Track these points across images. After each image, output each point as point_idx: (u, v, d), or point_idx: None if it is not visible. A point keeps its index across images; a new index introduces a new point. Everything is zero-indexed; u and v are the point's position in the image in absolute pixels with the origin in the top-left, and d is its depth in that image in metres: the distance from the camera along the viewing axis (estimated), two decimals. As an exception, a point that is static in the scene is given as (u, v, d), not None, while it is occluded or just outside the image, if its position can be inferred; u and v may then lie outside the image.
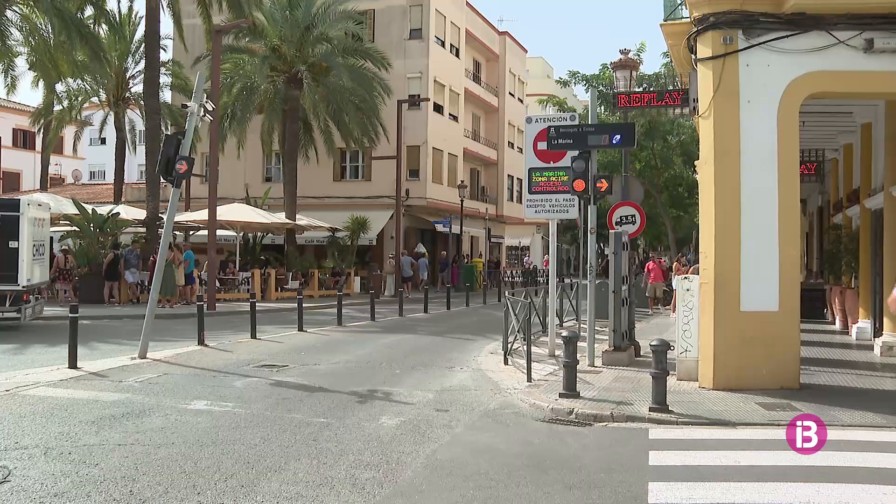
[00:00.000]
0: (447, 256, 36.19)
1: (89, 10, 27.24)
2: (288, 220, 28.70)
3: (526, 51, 51.61)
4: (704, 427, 8.13)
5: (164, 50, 30.20)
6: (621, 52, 16.49)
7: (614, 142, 11.98)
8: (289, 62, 29.22)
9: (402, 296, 23.40)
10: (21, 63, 31.24)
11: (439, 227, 37.55)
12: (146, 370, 11.35)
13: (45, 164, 38.29)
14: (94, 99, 36.36)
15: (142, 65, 30.46)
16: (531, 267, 45.21)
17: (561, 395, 9.30)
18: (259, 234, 30.79)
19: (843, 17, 9.65)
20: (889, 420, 7.96)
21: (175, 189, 13.62)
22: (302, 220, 29.99)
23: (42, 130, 37.62)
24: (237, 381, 10.60)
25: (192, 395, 9.47)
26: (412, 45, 35.86)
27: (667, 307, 21.77)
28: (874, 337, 14.15)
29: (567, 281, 24.81)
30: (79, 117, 37.42)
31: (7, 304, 16.19)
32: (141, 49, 31.28)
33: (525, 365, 10.99)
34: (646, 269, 25.27)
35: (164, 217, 15.55)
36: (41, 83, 33.16)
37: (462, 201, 35.57)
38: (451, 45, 38.61)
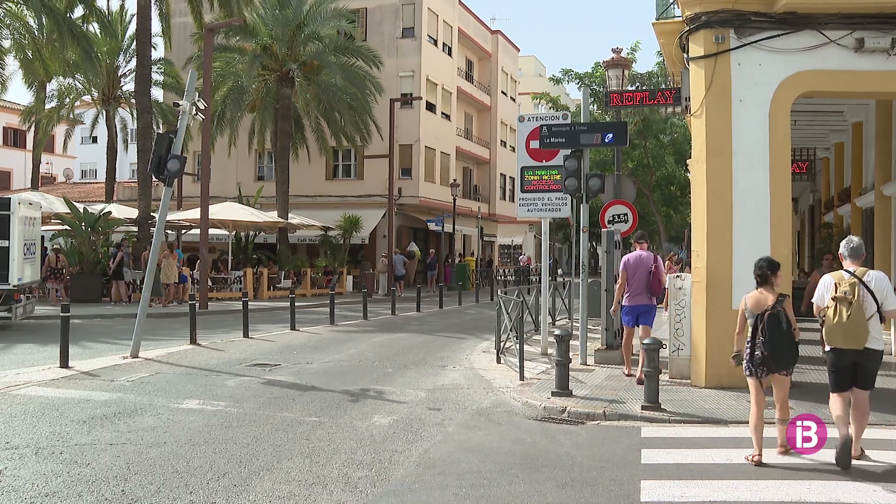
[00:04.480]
0: (434, 255, 36.14)
1: (79, 8, 27.07)
2: (280, 219, 28.64)
3: (518, 49, 51.63)
4: (696, 425, 8.16)
5: (155, 48, 30.10)
6: (613, 50, 16.46)
7: (606, 140, 11.98)
8: (280, 61, 29.16)
9: (395, 294, 23.38)
10: (11, 61, 31.07)
11: (432, 226, 37.55)
12: (138, 369, 11.31)
13: (35, 163, 38.14)
14: (86, 97, 36.20)
15: (133, 63, 30.32)
16: (526, 264, 45.20)
17: (553, 394, 9.32)
18: (251, 232, 30.74)
19: (834, 17, 9.70)
20: (879, 417, 8.00)
21: (167, 188, 13.57)
22: (294, 218, 29.94)
23: (32, 129, 37.45)
24: (229, 380, 10.57)
25: (184, 395, 9.45)
26: (404, 44, 35.83)
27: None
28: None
29: (559, 279, 24.80)
30: (70, 116, 37.24)
31: (-2, 304, 16.13)
32: (132, 47, 31.15)
33: (517, 363, 11.00)
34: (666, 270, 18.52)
35: (156, 216, 15.49)
36: (32, 81, 32.98)
37: (454, 200, 35.59)
38: (443, 43, 38.57)
